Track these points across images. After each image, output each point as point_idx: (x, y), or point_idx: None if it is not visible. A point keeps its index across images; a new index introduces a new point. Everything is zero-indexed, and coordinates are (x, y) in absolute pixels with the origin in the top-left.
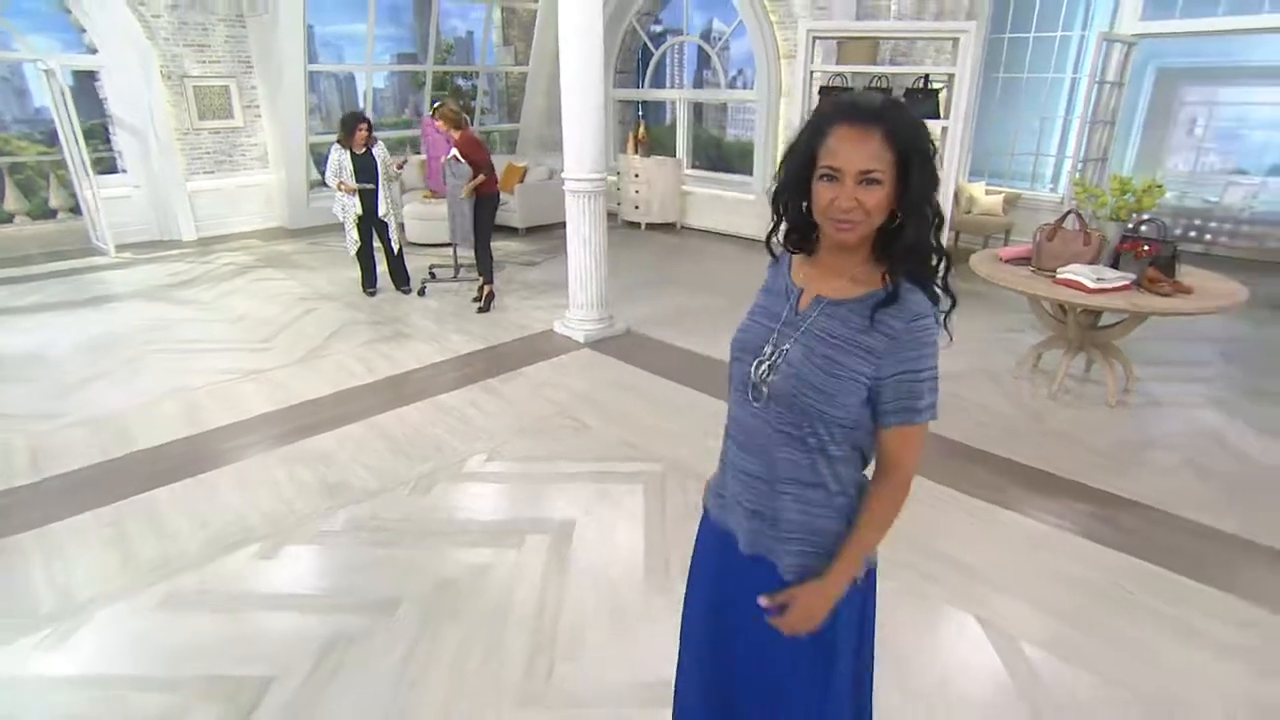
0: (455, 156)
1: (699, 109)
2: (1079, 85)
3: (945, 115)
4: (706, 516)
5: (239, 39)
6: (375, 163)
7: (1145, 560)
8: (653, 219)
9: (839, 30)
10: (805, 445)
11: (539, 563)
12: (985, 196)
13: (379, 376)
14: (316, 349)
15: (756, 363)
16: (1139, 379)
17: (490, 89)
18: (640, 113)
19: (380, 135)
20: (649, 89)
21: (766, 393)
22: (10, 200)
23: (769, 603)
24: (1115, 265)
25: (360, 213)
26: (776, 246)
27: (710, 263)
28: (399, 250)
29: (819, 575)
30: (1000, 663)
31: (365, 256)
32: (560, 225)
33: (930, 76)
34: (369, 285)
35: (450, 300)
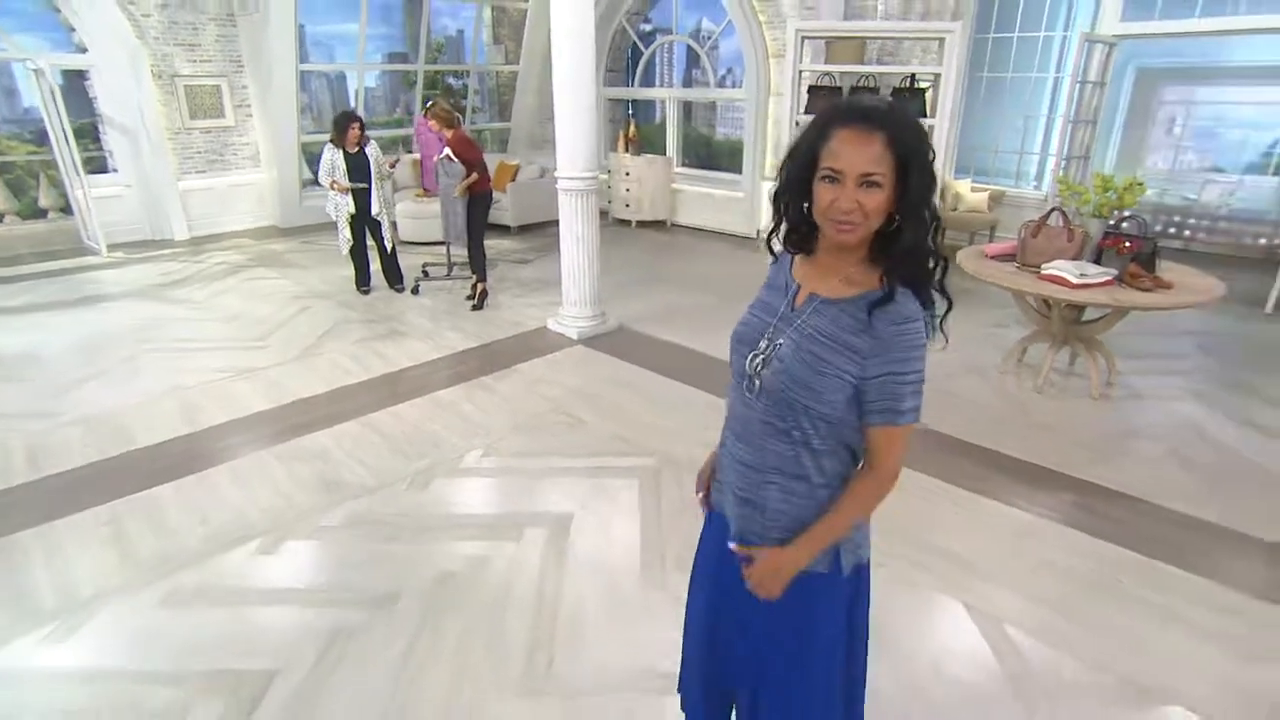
0: (448, 156)
1: (688, 108)
2: (1061, 84)
3: (931, 114)
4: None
5: (230, 38)
6: (368, 162)
7: (1128, 548)
8: (643, 217)
9: (827, 30)
10: (790, 438)
11: (537, 556)
12: (971, 194)
13: (374, 374)
14: (311, 347)
15: (752, 355)
16: (1121, 372)
17: (481, 88)
18: (630, 111)
19: (372, 134)
20: (639, 88)
21: (759, 385)
22: (0, 200)
23: (736, 549)
24: (1098, 261)
25: (353, 211)
26: (777, 246)
27: (700, 260)
28: (392, 249)
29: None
30: (988, 648)
31: (359, 255)
32: (552, 223)
33: (917, 76)
34: (363, 284)
35: (444, 298)
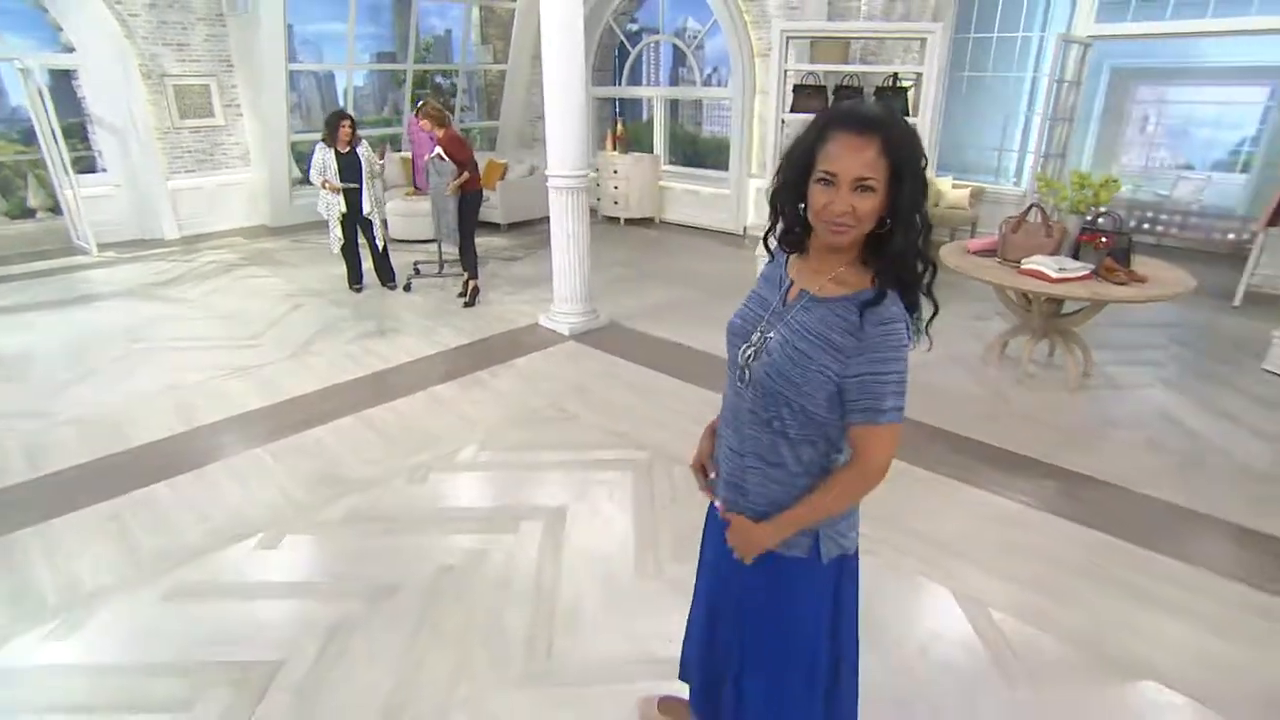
0: (439, 155)
1: (675, 106)
2: (1039, 84)
3: (914, 112)
4: None
5: (219, 38)
6: (359, 161)
7: (1106, 532)
8: (631, 214)
9: (812, 31)
10: (770, 427)
11: (534, 548)
12: (952, 190)
13: (369, 371)
14: (305, 345)
15: (744, 347)
16: (1098, 363)
17: (469, 87)
18: (617, 110)
19: (361, 133)
20: (626, 86)
21: (749, 376)
22: None
23: (718, 503)
24: (1075, 256)
25: (344, 211)
26: (773, 245)
27: (688, 256)
28: (384, 247)
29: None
30: (973, 630)
31: (350, 254)
32: (541, 220)
33: (899, 75)
34: (355, 282)
35: (436, 295)
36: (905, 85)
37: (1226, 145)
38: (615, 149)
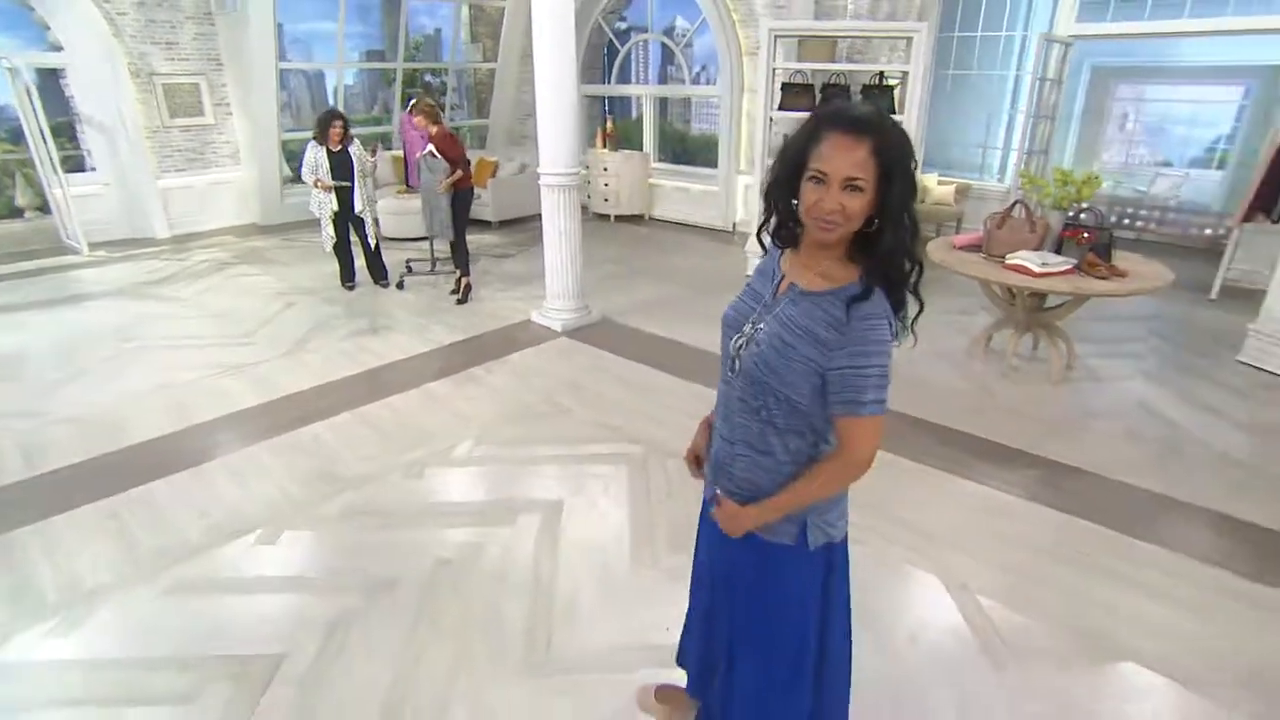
0: (431, 152)
1: (664, 104)
2: (1022, 82)
3: (900, 110)
4: None
5: (208, 36)
6: (351, 160)
7: (1088, 520)
8: (621, 211)
9: (799, 30)
10: (758, 416)
11: (531, 541)
12: (938, 187)
13: (363, 368)
14: (299, 343)
15: (736, 338)
16: (1080, 355)
17: (459, 85)
18: (607, 108)
19: (352, 132)
20: (615, 85)
21: (739, 365)
22: None
23: (715, 491)
24: (1058, 251)
25: (336, 209)
26: (767, 240)
27: (678, 253)
28: (376, 245)
29: (760, 525)
30: (960, 616)
31: (343, 252)
32: (532, 218)
33: (885, 73)
34: (347, 280)
35: (428, 293)
36: (891, 83)
37: (1203, 143)
38: (605, 146)
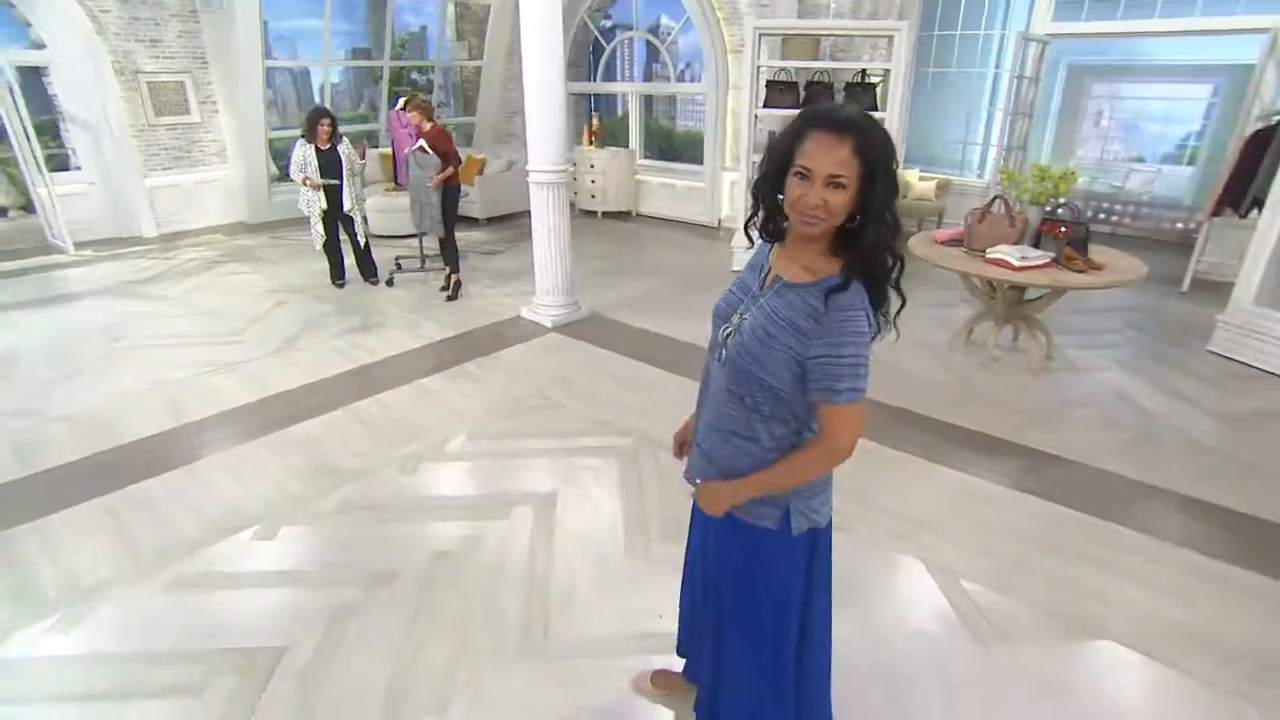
0: (422, 148)
1: (649, 101)
2: (1000, 80)
3: (882, 107)
4: None
5: (192, 34)
6: (340, 158)
7: (1067, 506)
8: (608, 207)
9: (783, 28)
10: (743, 404)
11: (526, 533)
12: (919, 182)
13: (355, 365)
14: (290, 340)
15: (725, 328)
16: (1059, 346)
17: (445, 83)
18: (593, 106)
19: (341, 130)
20: (601, 82)
21: (725, 354)
22: None
23: (696, 476)
24: (1037, 245)
25: (325, 207)
26: (754, 234)
27: (665, 248)
28: (365, 243)
29: (743, 509)
30: (945, 599)
31: (332, 249)
32: (520, 214)
33: (868, 71)
34: (337, 277)
35: (418, 290)
36: (874, 81)
37: (1174, 139)
38: (591, 144)
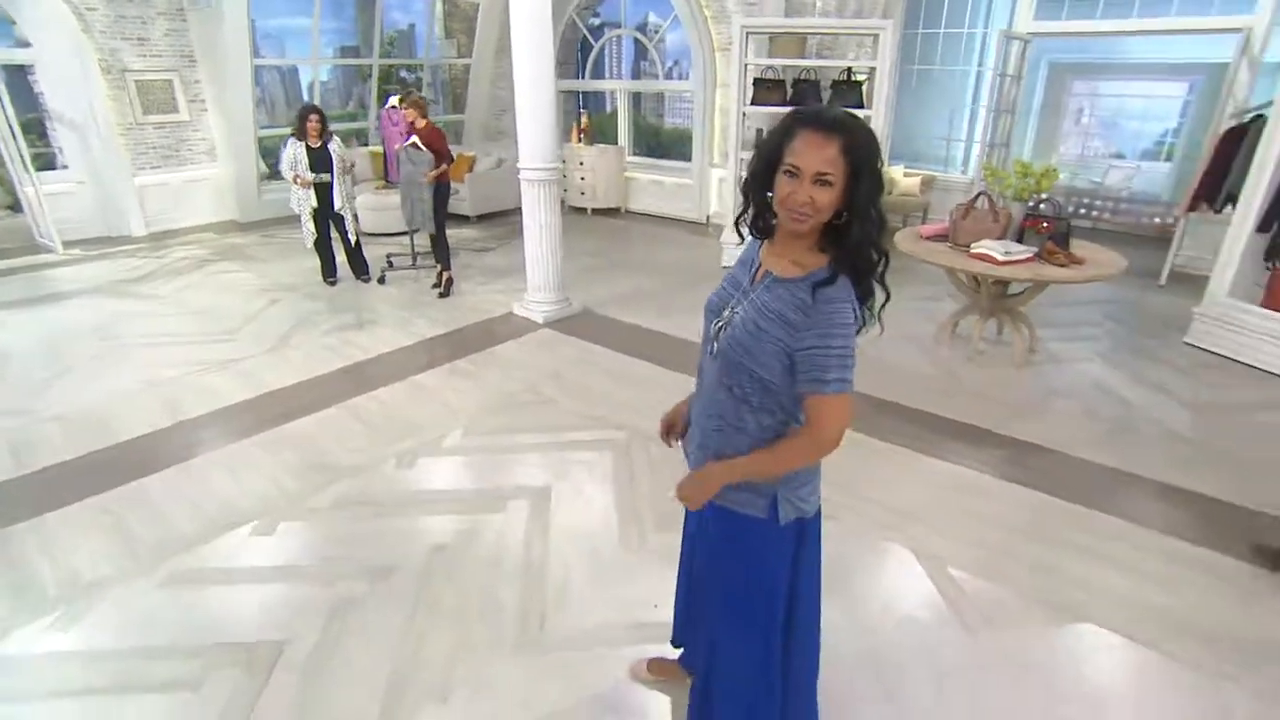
0: (414, 144)
1: (638, 99)
2: (983, 77)
3: (868, 104)
4: None
5: (180, 32)
6: (330, 155)
7: (1051, 494)
8: (598, 204)
9: (771, 26)
10: (733, 395)
11: (522, 527)
12: (904, 179)
13: (349, 362)
14: (284, 338)
15: (716, 322)
16: (1041, 339)
17: (434, 81)
18: (581, 103)
19: (331, 129)
20: (590, 80)
21: (717, 348)
22: None
23: (694, 466)
24: (1020, 240)
25: (316, 205)
26: (745, 230)
27: (654, 245)
28: (356, 241)
29: (731, 498)
30: (933, 586)
31: (323, 248)
32: (510, 212)
33: (853, 69)
34: (329, 275)
35: (410, 287)
36: (859, 79)
37: (1153, 136)
38: (580, 141)
